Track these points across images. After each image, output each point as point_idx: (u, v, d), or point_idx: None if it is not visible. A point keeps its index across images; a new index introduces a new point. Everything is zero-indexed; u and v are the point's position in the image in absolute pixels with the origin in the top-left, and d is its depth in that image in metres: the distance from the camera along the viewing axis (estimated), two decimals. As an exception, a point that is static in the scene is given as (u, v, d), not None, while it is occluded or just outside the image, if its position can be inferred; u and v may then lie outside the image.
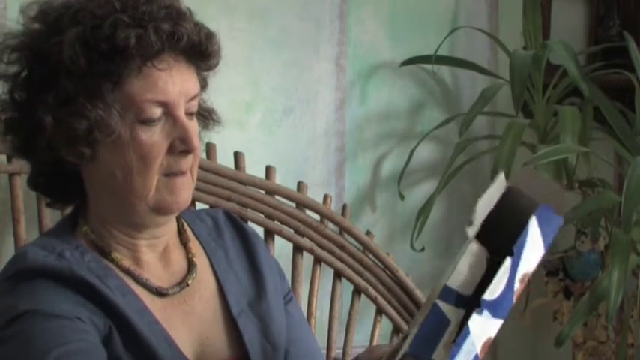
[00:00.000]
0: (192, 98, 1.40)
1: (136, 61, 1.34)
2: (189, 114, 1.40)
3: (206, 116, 1.47)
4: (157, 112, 1.36)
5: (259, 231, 2.10)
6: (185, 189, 1.40)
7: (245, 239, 1.58)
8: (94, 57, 1.33)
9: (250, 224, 2.09)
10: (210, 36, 1.42)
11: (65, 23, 1.35)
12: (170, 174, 1.38)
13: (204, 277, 1.50)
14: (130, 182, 1.37)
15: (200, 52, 1.41)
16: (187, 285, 1.47)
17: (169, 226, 1.48)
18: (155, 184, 1.37)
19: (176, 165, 1.38)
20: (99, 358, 1.32)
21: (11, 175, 1.96)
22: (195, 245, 1.52)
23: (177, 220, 1.50)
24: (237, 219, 1.62)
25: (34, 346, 1.29)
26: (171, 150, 1.38)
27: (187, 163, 1.40)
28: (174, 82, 1.37)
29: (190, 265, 1.49)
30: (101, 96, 1.34)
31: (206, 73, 1.45)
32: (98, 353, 1.32)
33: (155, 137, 1.36)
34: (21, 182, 1.95)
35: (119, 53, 1.33)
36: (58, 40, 1.34)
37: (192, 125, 1.40)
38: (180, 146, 1.38)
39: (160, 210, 1.40)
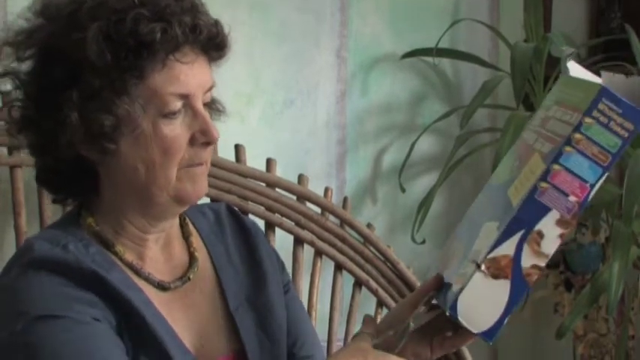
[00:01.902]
0: (208, 90, 1.41)
1: (161, 55, 1.34)
2: (203, 105, 1.40)
3: (210, 106, 1.47)
4: (178, 104, 1.36)
5: (260, 223, 2.10)
6: (203, 178, 1.41)
7: (246, 233, 1.58)
8: (121, 52, 1.32)
9: (251, 217, 2.09)
10: (222, 27, 1.43)
11: (83, 18, 1.33)
12: (190, 165, 1.39)
13: (205, 271, 1.50)
14: (153, 175, 1.37)
15: (216, 44, 1.41)
16: (189, 279, 1.47)
17: (176, 218, 1.48)
18: (176, 175, 1.37)
19: (197, 157, 1.39)
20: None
21: (12, 168, 1.96)
22: (196, 239, 1.52)
23: (180, 214, 1.50)
24: (238, 213, 1.62)
25: None
26: (192, 142, 1.38)
27: (207, 154, 1.41)
28: (195, 74, 1.37)
29: (192, 259, 1.49)
30: (126, 91, 1.33)
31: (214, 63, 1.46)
32: (119, 358, 1.33)
33: (177, 130, 1.37)
34: (22, 174, 1.95)
35: (145, 47, 1.32)
36: (79, 36, 1.32)
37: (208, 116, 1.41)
38: (201, 138, 1.38)
39: (181, 199, 1.40)
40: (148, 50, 1.32)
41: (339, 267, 2.19)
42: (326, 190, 2.22)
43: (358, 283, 2.21)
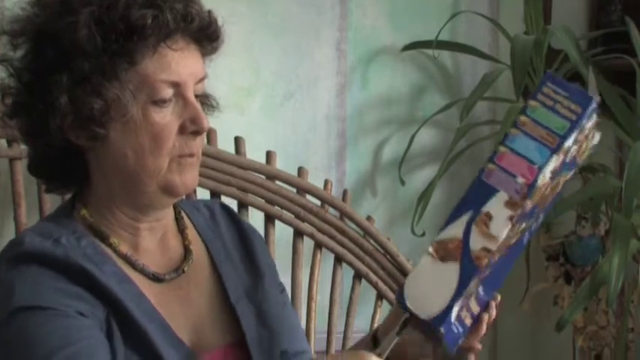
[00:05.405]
0: (200, 80, 1.41)
1: (151, 40, 1.34)
2: (195, 96, 1.40)
3: (203, 101, 1.47)
4: (169, 92, 1.37)
5: (260, 216, 2.10)
6: (192, 170, 1.41)
7: (240, 231, 1.59)
8: (111, 36, 1.33)
9: (251, 209, 2.10)
10: (216, 18, 1.43)
11: (76, 3, 1.34)
12: (180, 156, 1.38)
13: (201, 265, 1.50)
14: (142, 162, 1.37)
15: (208, 34, 1.42)
16: (183, 271, 1.47)
17: (170, 210, 1.48)
18: (165, 165, 1.38)
19: (187, 147, 1.39)
20: (101, 356, 1.31)
21: (11, 160, 1.96)
22: (192, 233, 1.52)
23: (175, 207, 1.51)
24: (232, 211, 1.62)
25: (36, 349, 1.29)
26: (181, 131, 1.38)
27: (197, 144, 1.40)
28: (186, 63, 1.38)
29: (187, 252, 1.49)
30: (116, 75, 1.34)
31: (208, 56, 1.46)
32: (101, 350, 1.32)
33: (167, 118, 1.37)
34: (21, 167, 1.95)
35: (136, 32, 1.33)
36: (71, 20, 1.33)
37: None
38: (191, 127, 1.38)
39: (169, 190, 1.40)
40: (138, 35, 1.33)
41: (338, 259, 2.19)
42: (326, 182, 2.22)
43: (358, 276, 2.21)
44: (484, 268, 1.23)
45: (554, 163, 1.23)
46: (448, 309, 1.23)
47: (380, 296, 2.21)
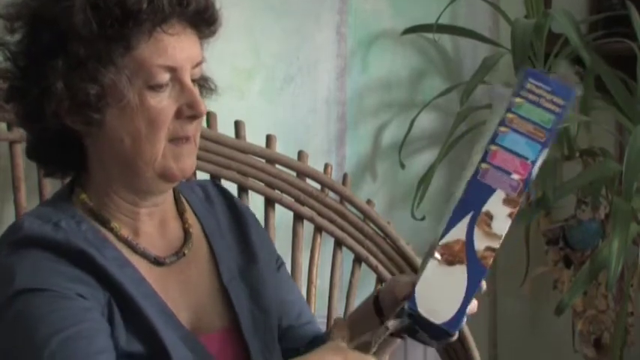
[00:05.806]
0: (197, 65, 1.41)
1: (147, 25, 1.34)
2: (192, 80, 1.40)
3: (202, 84, 1.47)
4: (166, 77, 1.37)
5: (260, 199, 2.10)
6: (190, 156, 1.41)
7: (234, 209, 1.59)
8: (106, 21, 1.33)
9: (251, 193, 2.10)
10: (213, 1, 1.43)
11: None
12: (175, 139, 1.38)
13: (199, 247, 1.51)
14: (138, 147, 1.37)
15: (205, 18, 1.42)
16: (184, 255, 1.47)
17: (169, 194, 1.48)
18: (162, 150, 1.37)
19: (182, 130, 1.39)
20: (102, 338, 1.32)
21: (12, 143, 1.96)
22: (190, 215, 1.53)
23: (174, 190, 1.51)
24: (226, 189, 1.63)
25: (36, 331, 1.29)
26: (178, 115, 1.38)
27: (193, 128, 1.40)
28: (182, 47, 1.38)
29: (186, 235, 1.49)
30: (112, 61, 1.34)
31: (205, 40, 1.46)
32: (101, 333, 1.32)
33: (164, 102, 1.37)
34: (21, 150, 1.94)
35: (132, 17, 1.33)
36: (67, 5, 1.33)
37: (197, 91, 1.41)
38: (187, 111, 1.38)
39: (166, 176, 1.40)
40: (133, 20, 1.33)
41: (338, 243, 2.19)
42: (326, 166, 2.21)
43: (358, 260, 2.21)
44: (490, 268, 1.25)
45: (543, 156, 1.26)
46: (461, 312, 1.24)
47: (380, 280, 2.21)
